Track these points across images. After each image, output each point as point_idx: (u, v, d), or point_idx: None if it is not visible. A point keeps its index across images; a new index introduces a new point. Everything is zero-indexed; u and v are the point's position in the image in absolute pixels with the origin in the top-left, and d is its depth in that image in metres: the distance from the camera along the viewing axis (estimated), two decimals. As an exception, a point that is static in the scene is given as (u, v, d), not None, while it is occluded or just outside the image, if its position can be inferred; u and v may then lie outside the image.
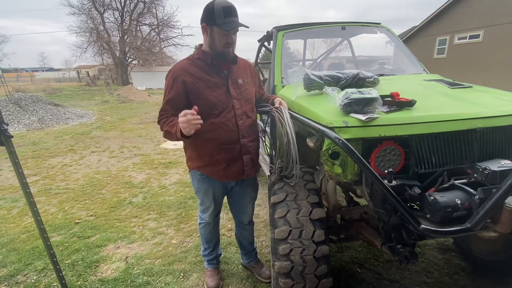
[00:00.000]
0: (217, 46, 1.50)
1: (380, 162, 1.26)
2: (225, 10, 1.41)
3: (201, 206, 1.90)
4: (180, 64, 1.56)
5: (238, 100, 1.60)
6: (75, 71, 45.83)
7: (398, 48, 2.66)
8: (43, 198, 3.55)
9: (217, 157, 1.62)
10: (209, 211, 1.87)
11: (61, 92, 18.80)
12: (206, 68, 1.55)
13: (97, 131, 7.48)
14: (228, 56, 1.54)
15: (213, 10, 1.41)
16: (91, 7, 24.05)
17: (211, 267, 2.08)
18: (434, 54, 13.81)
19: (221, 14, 1.41)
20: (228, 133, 1.58)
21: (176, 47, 28.28)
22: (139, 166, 4.67)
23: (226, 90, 1.58)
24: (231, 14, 1.43)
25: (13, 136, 1.41)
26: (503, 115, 1.32)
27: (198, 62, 1.56)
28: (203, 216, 1.93)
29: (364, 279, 2.03)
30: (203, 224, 1.97)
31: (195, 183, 1.78)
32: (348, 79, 1.69)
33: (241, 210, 1.95)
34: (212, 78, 1.55)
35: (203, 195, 1.79)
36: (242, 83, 1.65)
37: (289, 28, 2.56)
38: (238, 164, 1.66)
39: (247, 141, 1.64)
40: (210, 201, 1.81)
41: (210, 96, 1.52)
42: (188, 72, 1.51)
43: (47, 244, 1.61)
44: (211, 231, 2.00)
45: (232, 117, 1.58)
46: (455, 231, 1.10)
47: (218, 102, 1.54)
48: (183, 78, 1.50)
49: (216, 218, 1.96)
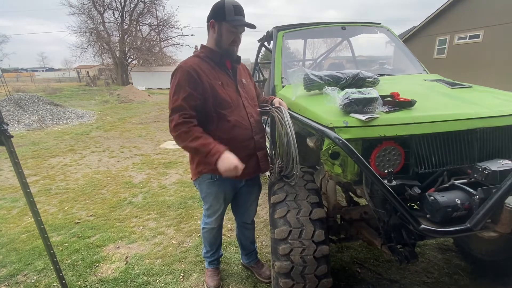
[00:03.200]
0: (224, 43, 1.50)
1: (380, 162, 1.26)
2: (236, 8, 1.45)
3: (207, 211, 1.85)
4: (190, 61, 1.50)
5: (246, 99, 1.63)
6: (75, 71, 45.87)
7: (398, 48, 2.66)
8: (43, 198, 3.55)
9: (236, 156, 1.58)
10: (216, 215, 1.83)
11: (61, 92, 18.79)
12: (215, 66, 1.55)
13: (97, 131, 7.48)
14: (234, 54, 1.56)
15: (224, 7, 1.44)
16: (91, 7, 24.05)
17: (212, 267, 2.08)
18: (434, 54, 13.81)
19: (232, 11, 1.44)
20: (244, 131, 1.58)
21: (176, 47, 28.25)
22: (139, 166, 4.67)
23: (235, 89, 1.59)
24: (240, 13, 1.47)
25: (13, 136, 1.41)
26: (503, 115, 1.32)
27: (206, 59, 1.54)
28: (208, 221, 1.88)
29: (364, 279, 2.03)
30: (207, 229, 1.93)
31: (204, 188, 1.72)
32: (348, 79, 1.69)
33: (246, 210, 1.94)
34: (223, 76, 1.56)
35: (213, 198, 1.74)
36: (245, 83, 1.68)
37: (289, 28, 2.56)
38: (254, 160, 1.67)
39: (259, 138, 1.66)
40: (219, 204, 1.77)
41: (224, 94, 1.52)
42: (200, 69, 1.48)
43: (47, 244, 1.60)
44: (215, 235, 1.97)
45: (245, 115, 1.59)
46: (455, 231, 1.10)
47: (231, 100, 1.54)
48: (198, 73, 1.45)
49: (221, 222, 1.93)
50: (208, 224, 1.90)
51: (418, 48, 13.89)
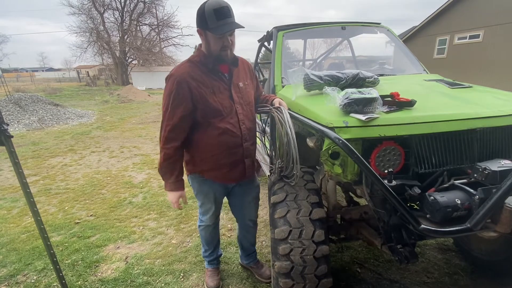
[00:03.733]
0: (213, 50, 1.44)
1: (380, 162, 1.26)
2: (217, 12, 1.32)
3: (201, 208, 1.88)
4: (182, 68, 1.47)
5: (240, 105, 1.58)
6: (75, 71, 45.85)
7: (398, 48, 2.66)
8: (43, 198, 3.55)
9: (221, 162, 1.61)
10: (209, 213, 1.85)
11: (61, 92, 18.79)
12: (208, 72, 1.50)
13: (97, 131, 7.48)
14: (227, 59, 1.49)
15: (204, 14, 1.34)
16: (91, 7, 24.06)
17: (211, 267, 2.08)
18: (434, 54, 13.80)
19: (213, 17, 1.33)
20: (233, 138, 1.57)
21: (176, 47, 28.31)
22: (139, 166, 4.67)
23: (229, 95, 1.55)
24: (223, 15, 1.34)
25: (13, 136, 1.41)
26: (503, 115, 1.32)
27: (199, 65, 1.49)
28: (203, 218, 1.91)
29: (364, 279, 2.03)
30: (203, 226, 1.96)
31: (195, 185, 1.76)
32: (348, 79, 1.69)
33: (243, 209, 1.94)
34: (216, 83, 1.51)
35: (204, 197, 1.78)
36: (243, 87, 1.62)
37: (289, 28, 2.56)
38: (240, 167, 1.67)
39: (249, 145, 1.65)
40: (211, 203, 1.80)
41: (214, 102, 1.48)
42: (191, 76, 1.44)
43: (47, 244, 1.60)
44: (211, 233, 1.99)
45: (236, 122, 1.56)
46: (455, 231, 1.10)
47: (222, 108, 1.51)
48: (188, 83, 1.43)
49: (216, 220, 1.95)
50: (203, 221, 1.93)
51: (418, 48, 13.88)
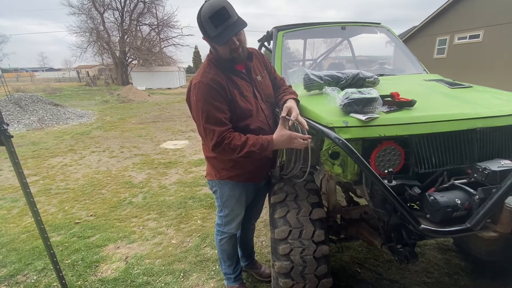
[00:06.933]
0: (223, 55, 1.38)
1: (380, 162, 1.26)
2: (213, 19, 1.25)
3: (226, 217, 1.72)
4: (206, 73, 1.38)
5: (263, 101, 1.53)
6: (75, 71, 45.90)
7: (398, 48, 2.66)
8: (43, 198, 3.55)
9: (255, 162, 1.55)
10: (237, 220, 1.73)
11: (61, 92, 18.80)
12: (230, 74, 1.43)
13: (97, 131, 7.48)
14: (240, 58, 1.41)
15: (202, 24, 1.28)
16: (91, 7, 24.10)
17: (238, 283, 1.89)
18: (434, 54, 13.81)
19: (210, 26, 1.26)
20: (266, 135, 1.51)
21: (176, 47, 28.40)
22: (139, 166, 4.67)
23: (253, 94, 1.50)
24: (221, 20, 1.25)
25: (13, 136, 1.41)
26: (503, 115, 1.32)
27: (220, 68, 1.41)
28: (227, 228, 1.74)
29: (364, 279, 2.03)
30: (226, 238, 1.78)
31: (225, 191, 1.63)
32: (348, 79, 1.68)
33: (258, 209, 1.95)
34: (239, 82, 1.45)
35: (236, 202, 1.66)
36: (261, 80, 1.55)
37: (289, 28, 2.56)
38: (269, 163, 1.66)
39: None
40: (241, 207, 1.70)
41: (243, 103, 1.43)
42: (221, 79, 1.37)
43: (47, 244, 1.61)
44: (234, 244, 1.83)
45: (264, 119, 1.51)
46: (455, 231, 1.10)
47: (251, 107, 1.46)
48: (221, 85, 1.36)
49: (240, 226, 1.81)
50: (228, 231, 1.76)
51: (418, 48, 13.89)
